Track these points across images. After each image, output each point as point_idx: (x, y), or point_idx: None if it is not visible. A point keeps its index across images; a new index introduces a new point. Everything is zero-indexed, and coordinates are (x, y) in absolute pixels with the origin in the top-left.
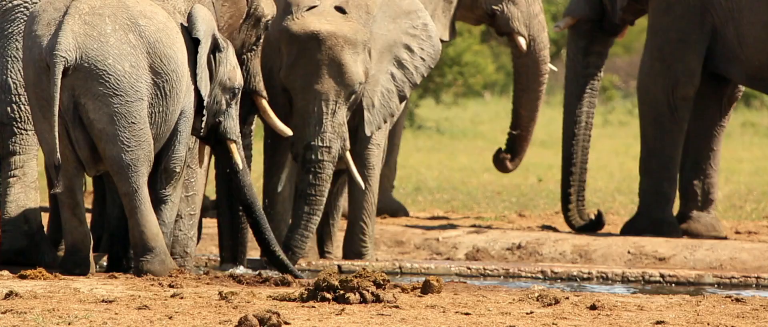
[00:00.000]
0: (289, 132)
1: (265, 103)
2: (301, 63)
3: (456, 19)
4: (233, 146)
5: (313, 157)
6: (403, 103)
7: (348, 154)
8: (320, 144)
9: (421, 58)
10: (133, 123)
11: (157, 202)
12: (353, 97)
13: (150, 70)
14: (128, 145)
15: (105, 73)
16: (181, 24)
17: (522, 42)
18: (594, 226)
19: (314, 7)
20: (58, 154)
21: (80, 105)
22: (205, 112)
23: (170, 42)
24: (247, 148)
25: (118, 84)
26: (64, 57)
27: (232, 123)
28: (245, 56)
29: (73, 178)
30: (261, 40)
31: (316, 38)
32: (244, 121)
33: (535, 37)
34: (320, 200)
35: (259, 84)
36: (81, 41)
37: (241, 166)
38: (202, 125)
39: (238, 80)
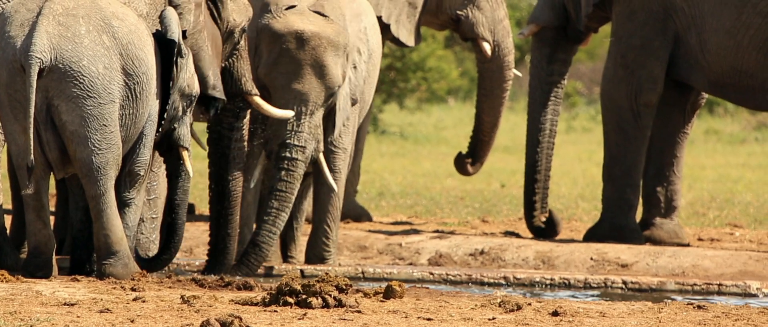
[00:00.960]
0: (289, 114)
1: (258, 99)
2: (283, 61)
3: (421, 24)
4: (185, 153)
5: (287, 154)
6: (368, 107)
7: (321, 156)
8: (296, 143)
9: (364, 62)
10: (105, 125)
11: (121, 205)
12: (330, 99)
13: (122, 72)
14: (99, 147)
15: (79, 74)
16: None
17: (486, 47)
18: (550, 228)
19: (293, 6)
20: (32, 156)
21: (53, 106)
22: (167, 116)
23: (142, 44)
24: (240, 140)
25: (92, 86)
26: (39, 58)
27: (185, 130)
28: (228, 62)
29: (40, 180)
30: (240, 45)
31: (300, 38)
32: (237, 117)
33: (500, 43)
34: (290, 198)
35: (248, 84)
36: (56, 42)
37: (191, 174)
38: (160, 129)
39: (196, 88)
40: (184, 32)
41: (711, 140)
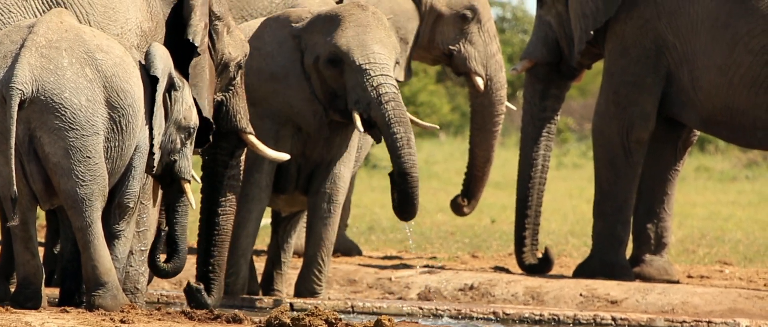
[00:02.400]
0: (284, 157)
1: (252, 138)
2: (350, 26)
3: (413, 59)
4: (187, 186)
5: (387, 90)
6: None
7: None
8: (391, 82)
9: None
10: (89, 157)
11: (110, 237)
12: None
13: (106, 105)
14: (83, 179)
15: (61, 106)
16: (139, 60)
17: (479, 82)
18: (543, 265)
19: None
20: (15, 188)
21: (36, 138)
22: (156, 150)
23: (127, 76)
24: (234, 178)
25: (74, 118)
26: (20, 90)
27: (186, 163)
28: (224, 97)
29: (26, 211)
30: (236, 81)
31: (359, 5)
32: (232, 155)
33: (492, 77)
34: (407, 121)
35: (243, 121)
36: (37, 74)
37: (194, 206)
38: (155, 163)
39: (194, 120)
40: (195, 49)
41: (702, 177)
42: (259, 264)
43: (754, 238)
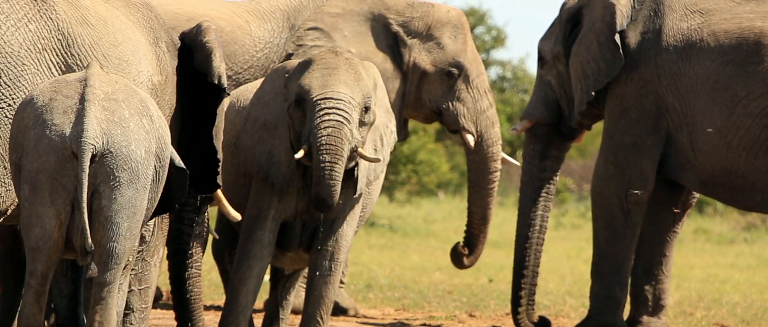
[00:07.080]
0: (239, 217)
1: (219, 193)
2: (317, 69)
3: (402, 117)
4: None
5: (331, 119)
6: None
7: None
8: (340, 115)
9: (384, 157)
10: (135, 213)
11: None
12: (366, 114)
13: (155, 156)
14: (124, 235)
15: (128, 159)
16: None
17: (470, 139)
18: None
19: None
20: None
21: (98, 192)
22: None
23: (167, 128)
24: (200, 236)
25: (137, 170)
26: (92, 144)
27: None
28: None
29: (52, 266)
30: None
31: (334, 52)
32: (198, 212)
33: (483, 134)
34: (339, 151)
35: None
36: (105, 128)
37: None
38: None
39: None
40: (223, 91)
41: (700, 240)
42: (257, 321)
43: (751, 301)
